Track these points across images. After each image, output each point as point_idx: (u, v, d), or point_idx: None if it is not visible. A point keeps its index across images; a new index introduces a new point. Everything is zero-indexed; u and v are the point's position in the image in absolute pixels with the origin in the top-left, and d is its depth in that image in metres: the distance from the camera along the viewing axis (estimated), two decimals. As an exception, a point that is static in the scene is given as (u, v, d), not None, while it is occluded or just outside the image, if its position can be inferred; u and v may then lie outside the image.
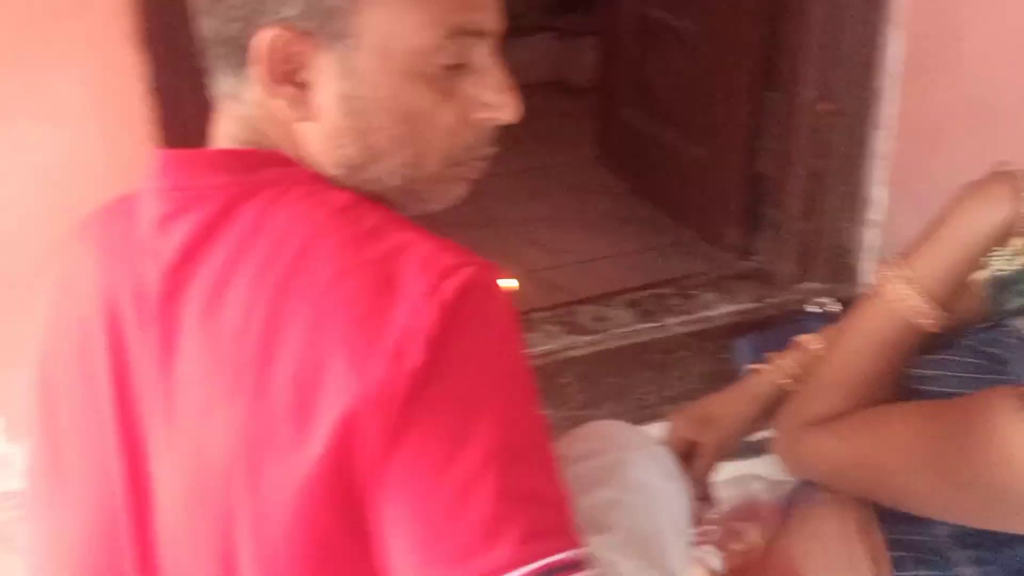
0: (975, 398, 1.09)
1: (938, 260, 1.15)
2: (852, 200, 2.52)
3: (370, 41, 0.88)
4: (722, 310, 2.59)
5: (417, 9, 0.89)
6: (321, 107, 0.90)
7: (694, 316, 2.57)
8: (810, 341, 1.31)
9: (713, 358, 2.42)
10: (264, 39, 0.88)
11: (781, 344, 1.62)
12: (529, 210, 3.21)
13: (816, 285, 2.59)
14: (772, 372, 1.35)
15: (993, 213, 1.16)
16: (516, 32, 3.78)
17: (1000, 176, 1.18)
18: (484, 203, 3.17)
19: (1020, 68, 2.43)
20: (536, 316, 2.52)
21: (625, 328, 2.53)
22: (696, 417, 1.38)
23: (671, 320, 2.56)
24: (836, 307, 1.84)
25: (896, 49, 2.37)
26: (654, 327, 2.54)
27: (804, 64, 2.45)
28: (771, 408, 1.32)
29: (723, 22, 2.62)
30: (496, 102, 0.95)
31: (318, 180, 0.91)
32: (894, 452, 1.10)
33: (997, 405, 1.06)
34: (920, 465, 1.08)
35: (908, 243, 1.19)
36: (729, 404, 1.37)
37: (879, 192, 2.50)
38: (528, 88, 3.81)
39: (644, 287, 2.68)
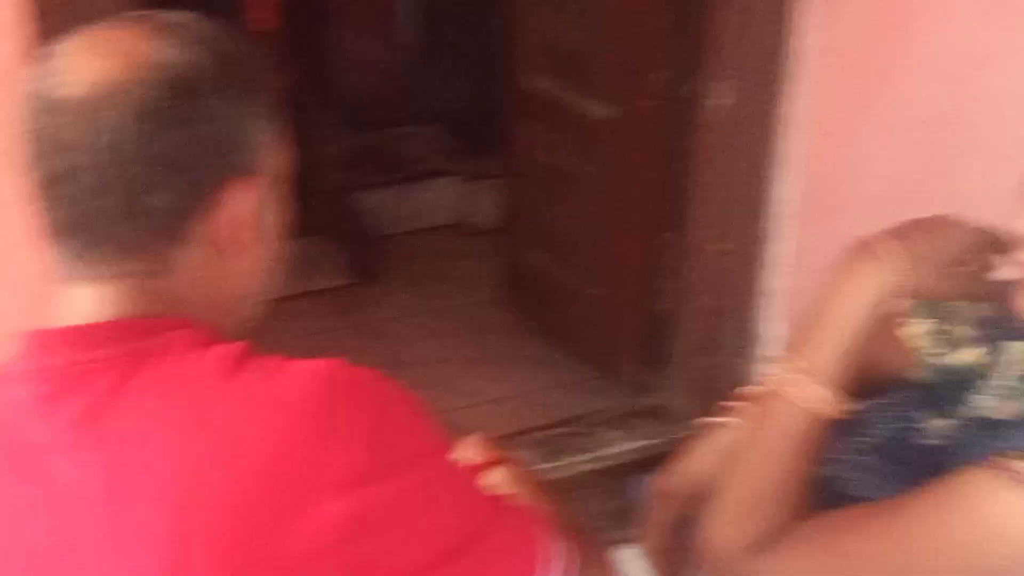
0: (938, 489, 1.08)
1: (827, 346, 1.16)
2: (748, 336, 2.57)
3: (279, 174, 0.96)
4: (623, 447, 2.61)
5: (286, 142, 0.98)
6: (261, 247, 0.97)
7: (596, 454, 2.58)
8: (752, 390, 1.30)
9: (616, 495, 2.42)
10: (233, 196, 0.92)
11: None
12: (435, 352, 3.22)
13: (710, 419, 2.61)
14: (728, 424, 1.34)
15: (866, 286, 1.18)
16: (420, 176, 3.87)
17: (860, 248, 1.21)
18: (389, 345, 3.19)
19: (910, 209, 2.52)
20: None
21: (532, 468, 2.52)
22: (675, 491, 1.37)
23: (574, 458, 2.57)
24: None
25: (789, 190, 2.45)
26: (558, 466, 2.55)
27: (699, 206, 2.52)
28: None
29: (622, 167, 2.70)
30: None
31: (202, 334, 0.93)
32: (869, 563, 1.09)
33: (970, 486, 1.06)
34: (903, 567, 1.07)
35: (792, 338, 1.20)
36: (698, 463, 1.35)
37: (774, 328, 2.56)
38: (432, 231, 3.85)
39: (548, 426, 2.69)
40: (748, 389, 1.28)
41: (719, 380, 2.62)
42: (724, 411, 1.34)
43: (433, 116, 3.98)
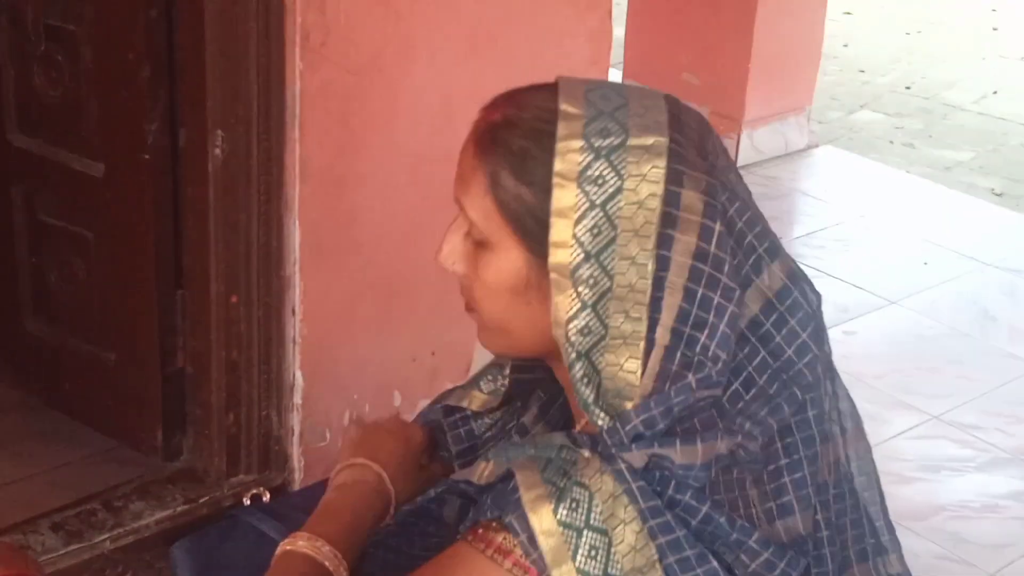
0: (435, 566, 1.14)
1: (331, 527, 1.28)
2: (274, 387, 2.54)
3: None
4: (156, 516, 2.50)
5: None
6: None
7: (125, 528, 2.46)
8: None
9: (152, 570, 2.32)
10: None
11: (222, 543, 1.58)
12: (-71, 440, 2.93)
13: (248, 477, 2.57)
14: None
15: (355, 478, 1.34)
16: None
17: (347, 451, 1.38)
18: None
19: (410, 248, 2.59)
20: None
21: (52, 554, 2.37)
22: None
23: (100, 537, 2.43)
24: (267, 497, 1.83)
25: (296, 237, 2.44)
26: (82, 547, 2.40)
27: (210, 259, 2.46)
28: None
29: (121, 225, 2.58)
30: None
31: None
32: None
33: (457, 562, 1.12)
34: None
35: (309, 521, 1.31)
36: None
37: (298, 376, 2.54)
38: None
39: (69, 506, 2.53)
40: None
41: (249, 435, 2.57)
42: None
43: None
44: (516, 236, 1.15)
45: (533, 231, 1.13)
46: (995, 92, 5.73)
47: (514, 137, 1.14)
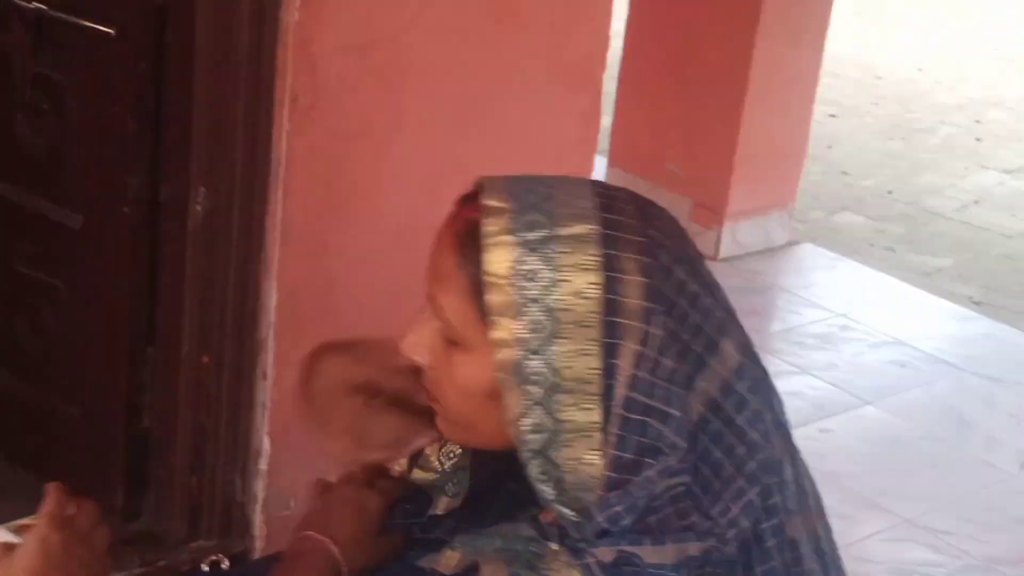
0: None
1: None
2: (239, 451, 2.49)
3: None
4: (111, 579, 2.42)
5: None
6: None
7: (79, 589, 2.38)
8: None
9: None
10: None
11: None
12: None
13: (208, 542, 2.51)
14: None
15: (305, 549, 1.33)
16: None
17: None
18: None
19: (388, 317, 2.55)
20: None
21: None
22: None
23: (54, 597, 2.35)
24: (227, 563, 1.78)
25: (271, 299, 2.41)
26: (33, 607, 2.32)
27: (182, 318, 2.42)
28: None
29: (95, 278, 2.54)
30: None
31: None
32: None
33: None
34: None
35: None
36: None
37: (265, 442, 2.49)
38: None
39: (22, 563, 2.45)
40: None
41: (211, 499, 2.51)
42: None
43: None
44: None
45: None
46: (976, 201, 5.77)
47: (475, 241, 1.11)
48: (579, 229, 1.09)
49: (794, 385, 3.71)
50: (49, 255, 2.63)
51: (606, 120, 3.36)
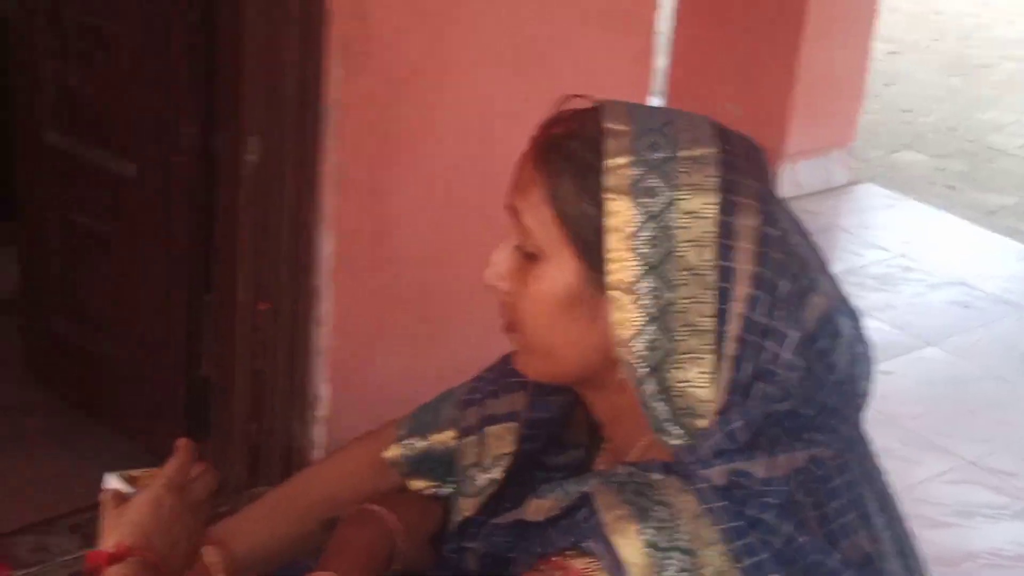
0: None
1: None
2: (298, 398, 2.51)
3: None
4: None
5: None
6: None
7: (141, 534, 2.42)
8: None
9: None
10: None
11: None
12: (-51, 435, 2.92)
13: (268, 488, 2.53)
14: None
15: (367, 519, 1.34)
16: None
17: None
18: None
19: (450, 264, 2.56)
20: (-39, 555, 2.27)
21: (68, 556, 2.35)
22: None
23: (117, 541, 2.40)
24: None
25: (326, 247, 2.42)
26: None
27: (239, 266, 2.43)
28: None
29: (152, 227, 2.56)
30: None
31: None
32: None
33: None
34: None
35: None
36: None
37: (324, 389, 2.51)
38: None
39: (87, 508, 2.50)
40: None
41: (271, 445, 2.54)
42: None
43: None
44: (572, 247, 1.12)
45: (591, 244, 1.11)
46: (1041, 137, 5.66)
47: (577, 150, 1.13)
48: (699, 152, 1.11)
49: (854, 326, 3.66)
50: (104, 205, 2.65)
51: (662, 61, 3.31)
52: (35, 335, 2.95)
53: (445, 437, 1.39)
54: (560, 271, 1.13)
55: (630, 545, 1.03)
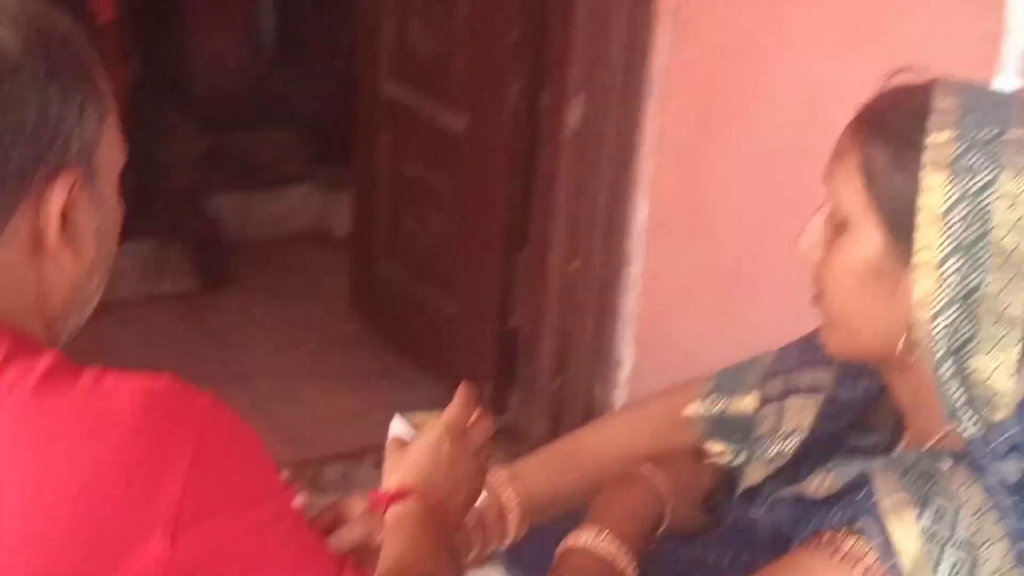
0: (774, 571, 1.09)
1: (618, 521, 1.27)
2: (602, 359, 2.54)
3: (105, 171, 0.89)
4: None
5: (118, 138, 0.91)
6: (81, 248, 0.89)
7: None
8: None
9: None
10: (52, 192, 0.85)
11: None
12: (282, 363, 3.13)
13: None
14: None
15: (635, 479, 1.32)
16: (274, 181, 3.77)
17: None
18: (235, 355, 3.08)
19: (763, 238, 2.52)
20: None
21: (371, 487, 2.46)
22: None
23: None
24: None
25: (640, 212, 2.43)
26: (404, 485, 2.48)
27: (554, 224, 2.49)
28: None
29: (476, 180, 2.65)
30: None
31: (16, 343, 0.84)
32: None
33: (803, 567, 1.06)
34: None
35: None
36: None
37: (627, 352, 2.53)
38: (285, 238, 3.73)
39: (394, 443, 2.62)
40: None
41: (573, 402, 2.59)
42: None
43: (289, 120, 3.87)
44: (879, 217, 1.10)
45: (898, 216, 1.08)
46: None
47: (896, 122, 1.10)
48: None
49: None
50: (434, 157, 2.76)
51: (1021, 40, 3.11)
52: (361, 275, 3.11)
53: (747, 402, 1.38)
54: (864, 242, 1.11)
55: (905, 531, 1.01)
